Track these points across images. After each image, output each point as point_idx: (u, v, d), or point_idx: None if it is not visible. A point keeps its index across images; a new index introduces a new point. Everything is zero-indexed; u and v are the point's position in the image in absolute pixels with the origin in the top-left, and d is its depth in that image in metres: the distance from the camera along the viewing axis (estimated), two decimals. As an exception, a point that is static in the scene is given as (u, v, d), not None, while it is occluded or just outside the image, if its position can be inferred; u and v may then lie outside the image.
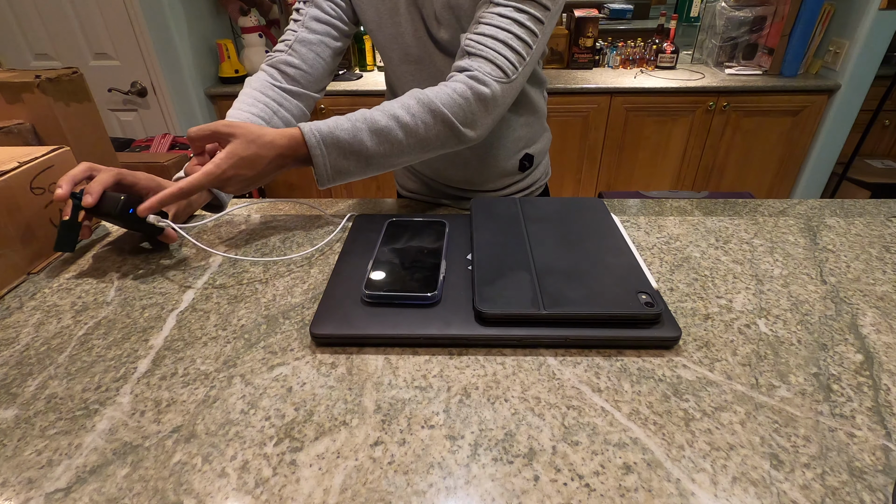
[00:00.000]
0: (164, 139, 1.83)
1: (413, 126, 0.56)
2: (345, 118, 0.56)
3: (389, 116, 0.56)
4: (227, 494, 0.32)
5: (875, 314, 0.48)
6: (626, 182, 2.27)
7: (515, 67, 0.58)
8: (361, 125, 0.55)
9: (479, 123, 0.59)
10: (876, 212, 0.69)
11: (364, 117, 0.56)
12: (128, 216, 0.55)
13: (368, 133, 0.55)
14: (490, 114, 0.59)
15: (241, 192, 0.57)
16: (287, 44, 0.71)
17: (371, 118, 0.55)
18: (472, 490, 0.32)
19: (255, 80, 0.72)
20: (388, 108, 0.56)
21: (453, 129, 0.58)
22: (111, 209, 0.54)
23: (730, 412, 0.38)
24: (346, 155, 0.55)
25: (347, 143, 0.55)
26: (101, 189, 0.54)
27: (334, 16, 0.72)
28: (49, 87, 0.89)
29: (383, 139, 0.56)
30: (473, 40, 0.58)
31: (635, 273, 0.48)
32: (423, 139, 0.57)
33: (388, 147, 0.56)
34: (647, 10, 2.39)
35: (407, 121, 0.56)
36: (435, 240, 0.56)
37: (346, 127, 0.55)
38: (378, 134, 0.55)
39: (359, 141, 0.55)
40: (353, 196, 2.41)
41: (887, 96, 2.12)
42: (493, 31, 0.57)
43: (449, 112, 0.56)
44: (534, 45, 0.59)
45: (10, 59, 2.09)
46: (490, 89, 0.57)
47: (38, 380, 0.42)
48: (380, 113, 0.56)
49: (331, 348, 0.45)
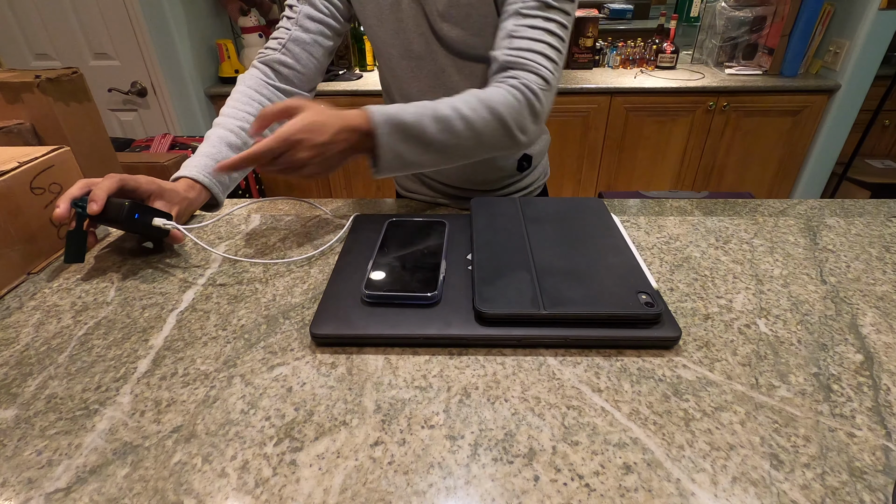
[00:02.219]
0: (164, 139, 1.83)
1: (473, 119, 0.56)
2: (409, 104, 0.56)
3: (451, 107, 0.56)
4: (227, 494, 0.32)
5: (875, 314, 0.48)
6: (626, 182, 2.26)
7: (554, 74, 0.60)
8: (425, 111, 0.55)
9: (529, 129, 0.60)
10: (876, 212, 0.69)
11: (426, 105, 0.56)
12: (134, 221, 0.55)
13: (431, 119, 0.55)
14: (538, 122, 0.61)
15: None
16: (280, 42, 0.71)
17: (433, 106, 0.56)
18: (472, 490, 0.32)
19: (248, 77, 0.71)
20: (448, 100, 0.57)
21: (507, 130, 0.58)
22: (117, 215, 0.54)
23: (730, 412, 0.38)
24: (407, 138, 0.55)
25: (410, 125, 0.54)
26: (106, 195, 0.54)
27: (328, 14, 0.72)
28: (49, 87, 0.89)
29: (444, 127, 0.55)
30: (513, 55, 0.60)
31: (635, 273, 0.48)
32: (481, 134, 0.57)
33: (448, 136, 0.56)
34: (647, 10, 2.39)
35: (467, 113, 0.56)
36: (435, 240, 0.56)
37: (411, 111, 0.55)
38: (440, 121, 0.55)
39: (421, 126, 0.55)
40: (354, 196, 2.41)
41: (887, 96, 2.12)
42: (530, 44, 0.59)
43: (505, 112, 0.57)
44: (563, 51, 0.61)
45: (10, 59, 2.09)
46: (538, 100, 0.59)
47: (38, 380, 0.42)
48: (441, 103, 0.56)
49: (331, 348, 0.45)
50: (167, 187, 0.61)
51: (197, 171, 0.64)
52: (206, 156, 0.65)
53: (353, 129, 0.53)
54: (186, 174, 0.64)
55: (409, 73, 0.74)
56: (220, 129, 0.67)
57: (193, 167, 0.64)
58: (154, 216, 0.56)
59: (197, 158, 0.65)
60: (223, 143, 0.66)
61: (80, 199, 0.54)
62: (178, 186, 0.63)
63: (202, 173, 0.64)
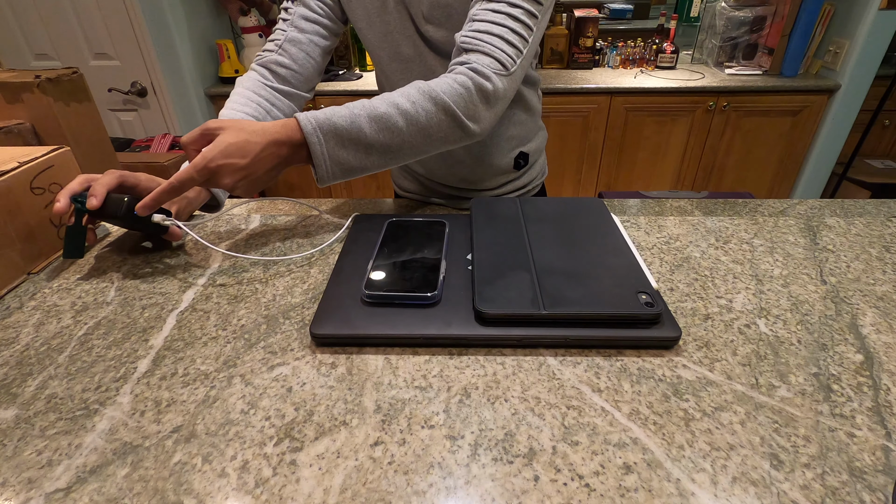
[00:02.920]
0: (164, 139, 1.83)
1: (414, 113, 0.54)
2: (342, 106, 0.54)
3: (389, 104, 0.54)
4: (227, 494, 0.32)
5: (875, 314, 0.48)
6: (626, 182, 2.26)
7: (514, 60, 0.57)
8: (359, 111, 0.53)
9: (481, 116, 0.57)
10: (876, 212, 0.69)
11: (362, 105, 0.54)
12: (132, 217, 0.55)
13: (367, 119, 0.53)
14: (492, 107, 0.58)
15: (241, 191, 0.52)
16: (277, 43, 0.72)
17: (369, 105, 0.54)
18: (472, 490, 0.32)
19: (246, 79, 0.72)
20: (387, 96, 0.55)
21: (456, 120, 0.56)
22: (116, 211, 0.54)
23: (730, 412, 0.38)
24: (343, 143, 0.53)
25: (345, 129, 0.52)
26: (105, 191, 0.54)
27: (323, 14, 0.72)
28: (49, 87, 0.89)
29: (383, 126, 0.53)
30: (469, 37, 0.57)
31: (635, 273, 0.48)
32: (425, 128, 0.55)
33: (388, 135, 0.54)
34: (647, 10, 2.39)
35: (407, 108, 0.54)
36: (435, 240, 0.56)
37: (343, 113, 0.53)
38: (377, 121, 0.53)
39: (357, 128, 0.52)
40: (353, 196, 2.41)
41: (887, 96, 2.12)
42: (489, 27, 0.57)
43: (450, 101, 0.54)
44: (530, 39, 0.58)
45: (10, 59, 2.09)
46: (491, 83, 0.56)
47: (38, 380, 0.42)
48: (379, 100, 0.54)
49: (331, 348, 0.45)
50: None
51: None
52: None
53: (282, 142, 0.51)
54: None
55: (400, 75, 0.74)
56: None
57: None
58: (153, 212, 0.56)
59: None
60: None
61: (79, 195, 0.54)
62: None
63: None
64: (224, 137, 0.50)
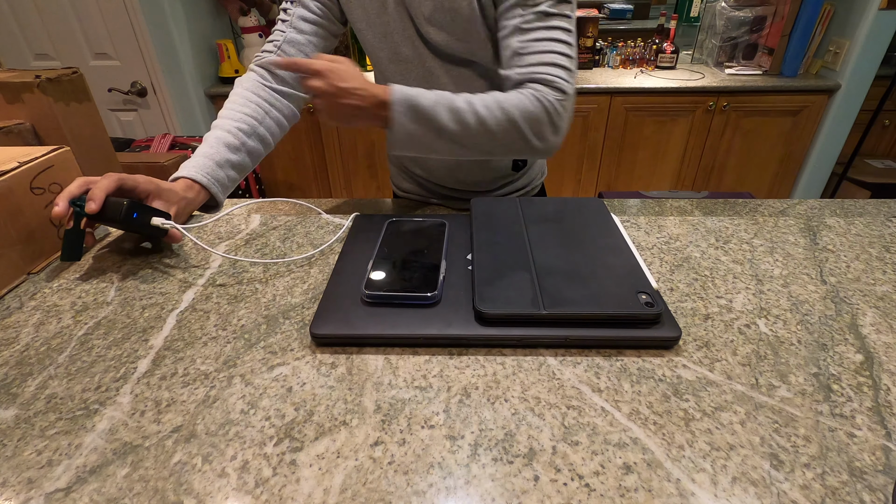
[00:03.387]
0: (164, 139, 1.84)
1: (486, 117, 0.59)
2: (430, 90, 0.59)
3: (467, 102, 0.59)
4: (227, 494, 0.32)
5: (875, 314, 0.48)
6: (626, 182, 2.27)
7: (569, 82, 0.61)
8: (441, 100, 0.59)
9: (547, 139, 0.62)
10: (876, 212, 0.69)
11: (445, 95, 0.59)
12: (132, 220, 0.55)
13: (446, 108, 0.59)
14: (558, 134, 0.63)
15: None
16: (276, 44, 0.72)
17: (451, 98, 0.59)
18: (472, 490, 0.32)
19: (245, 80, 0.72)
20: (467, 96, 0.60)
21: (521, 135, 0.61)
22: (115, 215, 0.54)
23: (730, 412, 0.38)
24: (419, 119, 0.58)
25: (425, 108, 0.58)
26: (104, 195, 0.54)
27: (321, 15, 0.72)
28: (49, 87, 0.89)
29: (456, 118, 0.59)
30: (527, 73, 0.61)
31: (635, 273, 0.48)
32: (492, 134, 0.60)
33: (458, 127, 0.59)
34: (647, 10, 2.39)
35: (481, 111, 0.59)
36: (435, 240, 0.56)
37: (430, 96, 0.59)
38: (454, 112, 0.59)
39: (435, 112, 0.58)
40: (353, 196, 2.41)
41: (887, 96, 2.12)
42: (540, 58, 0.61)
43: (519, 117, 0.59)
44: (574, 54, 0.62)
45: (10, 59, 2.09)
46: (558, 113, 0.61)
47: (38, 380, 0.42)
48: (460, 97, 0.60)
49: (331, 348, 0.45)
50: (165, 187, 0.61)
51: (195, 171, 0.64)
52: (205, 156, 0.66)
53: (371, 95, 0.57)
54: (184, 174, 0.64)
55: (399, 76, 0.74)
56: (217, 130, 0.68)
57: (192, 167, 0.65)
58: (152, 215, 0.56)
59: (195, 159, 0.66)
60: (221, 143, 0.67)
61: (78, 198, 0.54)
62: (177, 186, 0.63)
63: (200, 173, 0.64)
64: (342, 64, 0.57)
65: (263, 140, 0.71)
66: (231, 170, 0.68)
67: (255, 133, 0.70)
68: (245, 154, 0.69)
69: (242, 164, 0.69)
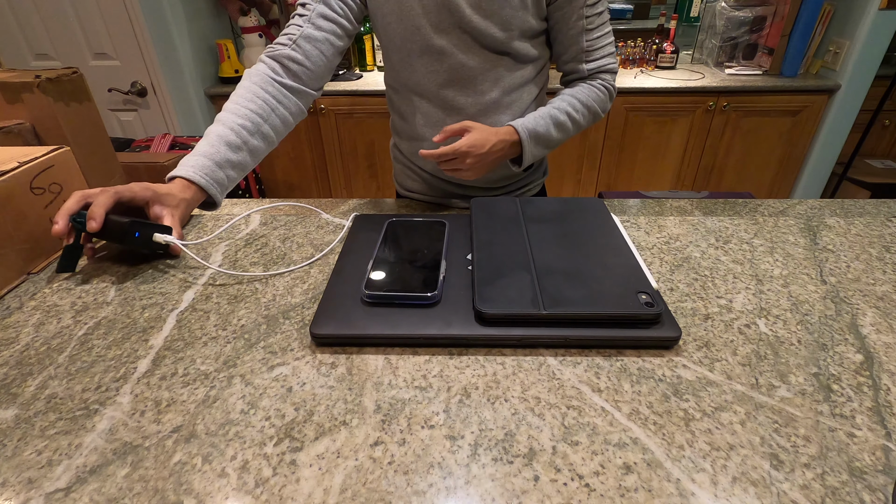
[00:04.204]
0: (164, 139, 1.84)
1: (578, 119, 0.76)
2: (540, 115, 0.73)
3: (565, 113, 0.75)
4: (227, 494, 0.32)
5: (875, 314, 0.48)
6: (626, 182, 2.26)
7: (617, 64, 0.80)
8: (550, 121, 0.73)
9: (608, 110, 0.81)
10: (876, 212, 0.69)
11: (549, 114, 0.74)
12: (134, 239, 0.55)
13: (554, 127, 0.74)
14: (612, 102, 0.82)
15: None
16: (291, 38, 0.71)
17: (554, 115, 0.74)
18: (472, 490, 0.32)
19: (254, 73, 0.71)
20: (559, 106, 0.75)
21: (596, 118, 0.79)
22: (117, 234, 0.55)
23: (730, 412, 0.38)
24: (539, 143, 0.73)
25: (543, 135, 0.73)
26: (104, 212, 0.54)
27: (342, 15, 0.72)
28: (49, 87, 0.89)
29: (560, 130, 0.75)
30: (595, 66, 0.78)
31: (635, 273, 0.48)
32: (581, 126, 0.78)
33: (562, 136, 0.76)
34: (647, 10, 2.39)
35: (576, 116, 0.76)
36: (435, 240, 0.56)
37: (542, 123, 0.73)
38: (559, 127, 0.74)
39: (549, 133, 0.74)
40: (353, 196, 2.41)
41: (887, 96, 2.12)
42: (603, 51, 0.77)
43: (598, 106, 0.78)
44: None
45: (10, 59, 2.09)
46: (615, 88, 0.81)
47: (38, 380, 0.42)
48: (557, 111, 0.74)
49: (331, 348, 0.45)
50: (162, 191, 0.60)
51: (193, 172, 0.63)
52: (204, 155, 0.65)
53: (507, 142, 0.71)
54: (183, 174, 0.63)
55: (428, 68, 0.74)
56: (220, 126, 0.67)
57: (190, 167, 0.63)
58: (154, 231, 0.56)
59: (195, 158, 0.64)
60: (222, 142, 0.66)
61: (77, 214, 0.54)
62: (174, 188, 0.62)
63: (199, 174, 0.63)
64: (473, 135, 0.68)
65: (267, 138, 0.71)
66: (231, 170, 0.67)
67: (258, 131, 0.69)
68: (246, 153, 0.68)
69: (243, 164, 0.69)
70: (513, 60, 0.75)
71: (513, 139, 0.71)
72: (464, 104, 0.77)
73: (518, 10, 0.70)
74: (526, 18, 0.71)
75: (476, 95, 0.76)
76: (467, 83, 0.75)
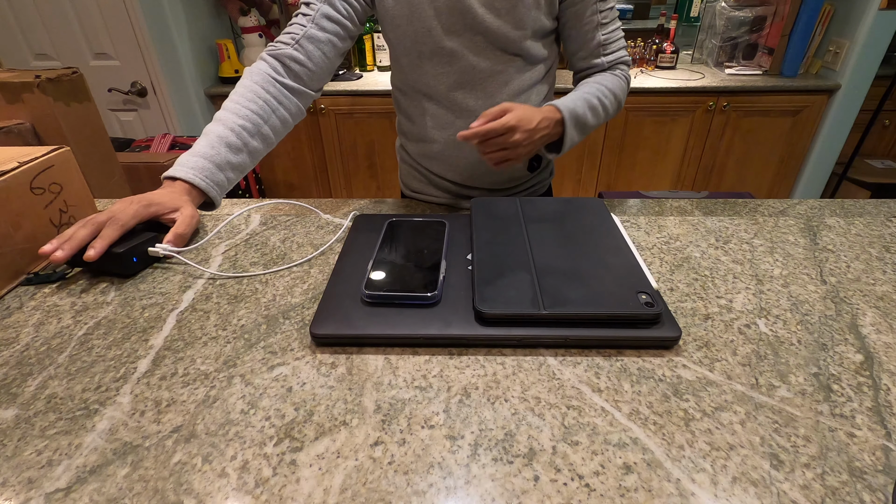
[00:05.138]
0: (164, 139, 1.84)
1: (607, 105, 0.76)
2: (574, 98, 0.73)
3: (597, 97, 0.75)
4: (227, 494, 0.32)
5: (875, 314, 0.48)
6: (626, 182, 2.27)
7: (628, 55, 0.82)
8: (586, 105, 0.73)
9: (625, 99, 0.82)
10: (876, 212, 0.69)
11: (585, 98, 0.73)
12: (132, 264, 0.56)
13: (590, 111, 0.74)
14: None
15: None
16: (294, 38, 0.70)
17: (589, 99, 0.74)
18: (472, 490, 0.32)
19: (255, 72, 0.70)
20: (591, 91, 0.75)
21: (620, 105, 0.80)
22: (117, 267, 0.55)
23: (730, 412, 0.38)
24: (578, 126, 0.73)
25: (581, 116, 0.72)
26: (107, 246, 0.53)
27: (346, 16, 0.72)
28: (49, 87, 0.89)
29: (595, 114, 0.75)
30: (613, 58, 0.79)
31: (635, 273, 0.48)
32: (610, 113, 0.78)
33: (596, 121, 0.76)
34: (647, 10, 2.39)
35: (605, 102, 0.76)
36: (435, 240, 0.56)
37: (581, 105, 0.73)
38: (593, 111, 0.74)
39: (586, 117, 0.73)
40: (354, 196, 2.41)
41: (887, 96, 2.12)
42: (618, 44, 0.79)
43: (621, 94, 0.79)
44: None
45: (10, 59, 2.09)
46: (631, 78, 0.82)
47: (38, 380, 0.42)
48: (590, 96, 0.74)
49: (331, 348, 0.45)
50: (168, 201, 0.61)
51: (194, 175, 0.63)
52: (204, 157, 0.64)
53: (551, 119, 0.69)
54: (182, 176, 0.63)
55: (438, 70, 0.74)
56: (221, 126, 0.66)
57: (190, 169, 0.63)
58: (147, 247, 0.56)
59: (194, 160, 0.64)
60: (222, 143, 0.66)
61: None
62: (176, 191, 0.62)
63: (199, 176, 0.63)
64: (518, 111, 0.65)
65: (266, 139, 0.70)
66: (231, 171, 0.67)
67: (258, 132, 0.69)
68: (246, 154, 0.68)
69: (242, 165, 0.69)
70: (523, 62, 0.75)
71: (555, 117, 0.69)
72: (474, 106, 0.76)
73: (531, 8, 0.70)
74: (539, 17, 0.71)
75: (486, 98, 0.76)
76: (477, 85, 0.75)
